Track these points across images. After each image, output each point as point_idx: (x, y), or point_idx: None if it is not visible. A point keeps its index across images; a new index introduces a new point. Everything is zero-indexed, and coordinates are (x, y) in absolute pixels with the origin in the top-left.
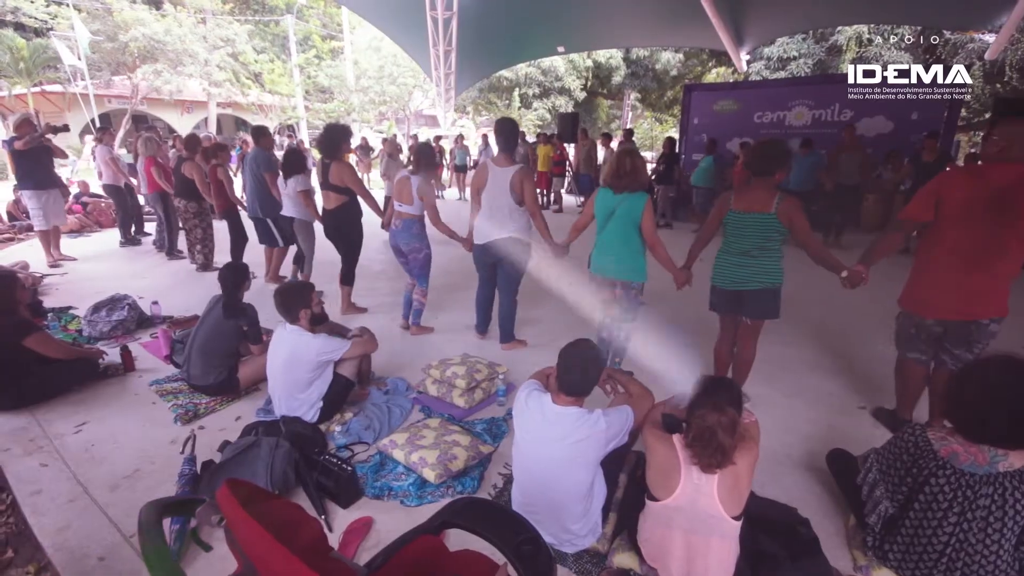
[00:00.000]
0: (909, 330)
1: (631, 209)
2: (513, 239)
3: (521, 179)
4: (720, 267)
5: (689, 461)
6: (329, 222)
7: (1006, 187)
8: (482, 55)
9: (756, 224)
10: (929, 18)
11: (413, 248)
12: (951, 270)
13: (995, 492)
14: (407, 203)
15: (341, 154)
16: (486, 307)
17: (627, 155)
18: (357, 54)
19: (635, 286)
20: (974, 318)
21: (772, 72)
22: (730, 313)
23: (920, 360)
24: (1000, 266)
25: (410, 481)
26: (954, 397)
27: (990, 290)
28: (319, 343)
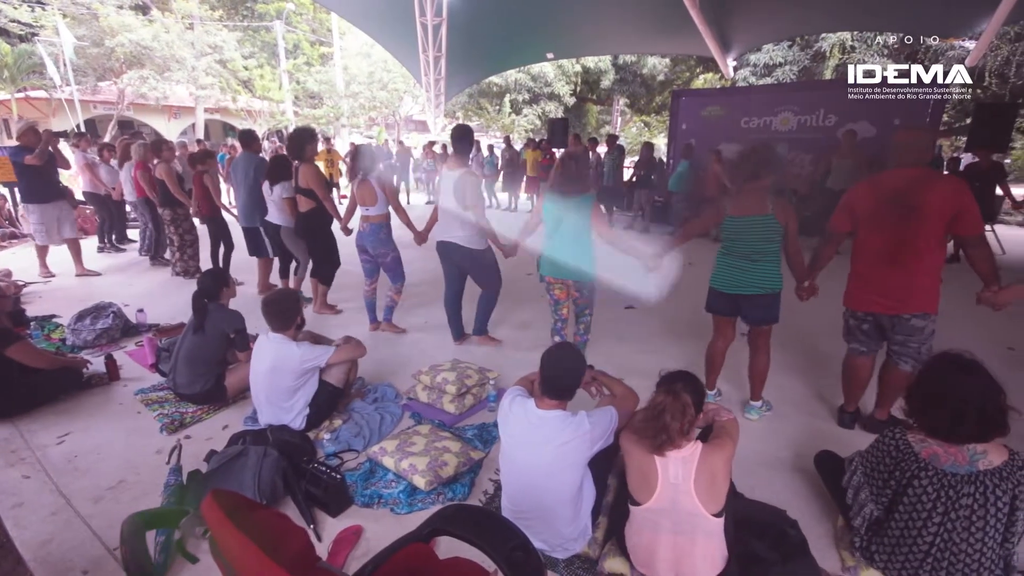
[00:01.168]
0: (850, 323)
1: (579, 212)
2: (462, 248)
3: (463, 183)
4: (721, 271)
5: (672, 464)
6: (299, 225)
7: (900, 190)
8: (472, 61)
9: (756, 226)
10: (910, 25)
11: (380, 252)
12: (871, 269)
13: (976, 491)
14: (371, 205)
15: (308, 156)
16: (454, 309)
17: (573, 160)
18: (347, 60)
19: (587, 284)
20: (896, 312)
21: (759, 78)
22: (726, 315)
23: (859, 351)
24: (915, 264)
25: (400, 488)
26: (909, 400)
27: (908, 287)
28: (302, 351)
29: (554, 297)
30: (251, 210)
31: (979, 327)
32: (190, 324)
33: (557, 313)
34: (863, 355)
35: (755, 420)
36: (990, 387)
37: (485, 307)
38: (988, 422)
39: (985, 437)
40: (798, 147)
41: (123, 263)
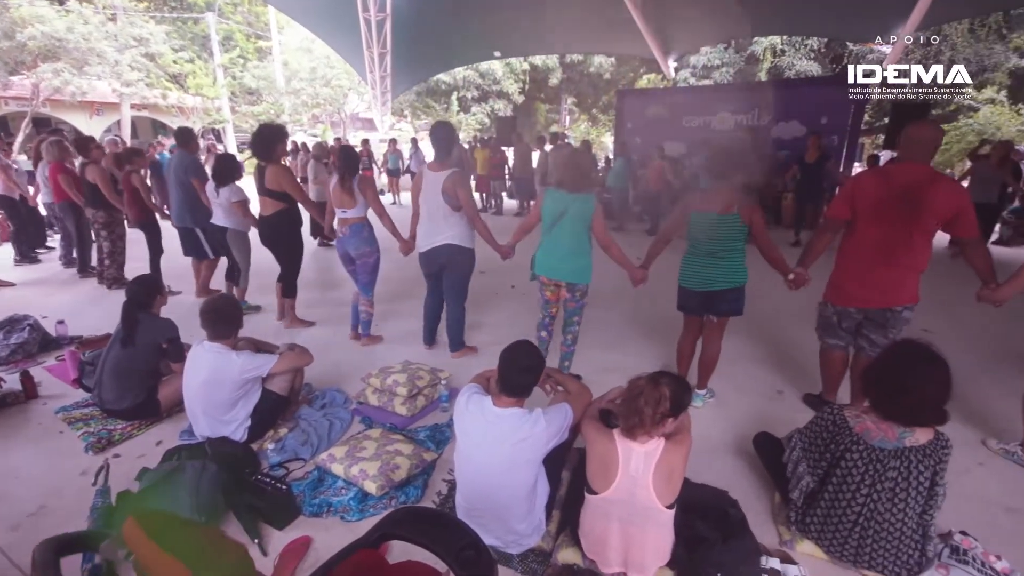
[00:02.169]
0: (830, 319)
1: (582, 210)
2: (452, 246)
3: (455, 183)
4: (688, 268)
5: (633, 455)
6: (266, 230)
7: (910, 186)
8: (418, 58)
9: (721, 225)
10: (833, 30)
11: (363, 252)
12: (867, 262)
13: (901, 465)
14: (350, 207)
15: (277, 156)
16: (433, 316)
17: (580, 156)
18: (287, 55)
19: (580, 288)
20: (888, 306)
21: (698, 79)
22: (698, 313)
23: (839, 346)
24: (908, 258)
25: (351, 495)
26: (870, 379)
27: (901, 280)
28: (243, 360)
29: (545, 297)
30: (184, 211)
31: None
32: (117, 334)
33: (546, 310)
34: (841, 349)
35: (699, 407)
36: (950, 380)
37: (455, 324)
38: (939, 413)
39: (930, 424)
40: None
41: (41, 273)
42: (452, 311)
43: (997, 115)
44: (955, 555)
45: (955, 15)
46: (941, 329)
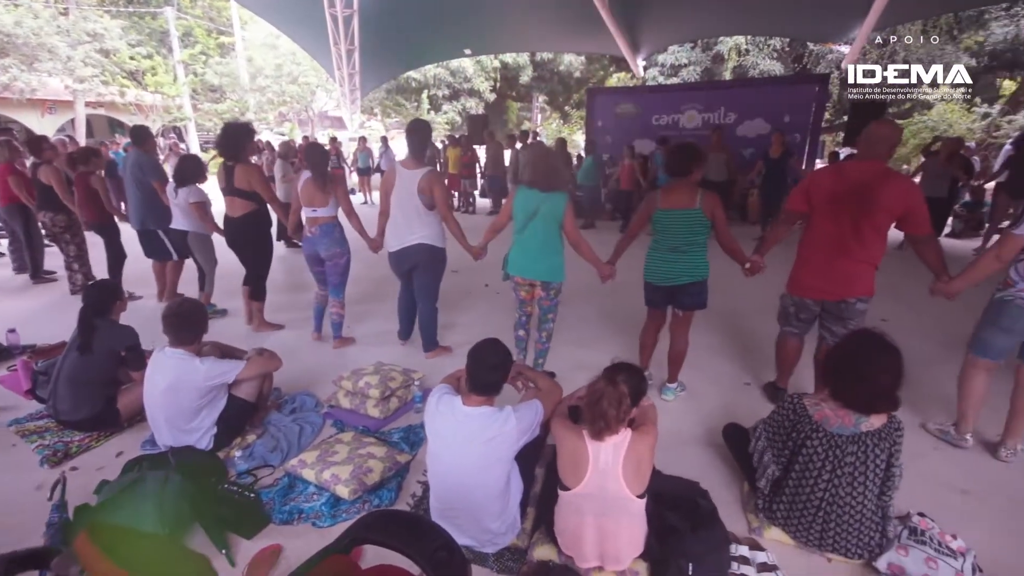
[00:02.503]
0: (789, 309)
1: (554, 209)
2: (424, 246)
3: (430, 182)
4: (652, 263)
5: (602, 450)
6: (234, 232)
7: (862, 182)
8: (387, 55)
9: (684, 220)
10: (794, 31)
11: (334, 253)
12: (822, 255)
13: (858, 450)
14: (321, 206)
15: (245, 155)
16: (408, 312)
17: (552, 155)
18: (251, 51)
19: (555, 286)
20: (843, 297)
21: (666, 78)
22: (663, 307)
23: (793, 334)
24: (861, 252)
25: (323, 501)
26: (829, 368)
27: (855, 272)
28: (207, 367)
29: (519, 297)
30: (144, 213)
31: None
32: (73, 342)
33: (522, 309)
34: (796, 337)
35: (670, 400)
36: (902, 369)
37: (428, 323)
38: (893, 399)
39: (885, 410)
40: (704, 143)
41: None
42: (424, 311)
43: (949, 112)
44: (913, 536)
45: (908, 17)
46: (898, 318)
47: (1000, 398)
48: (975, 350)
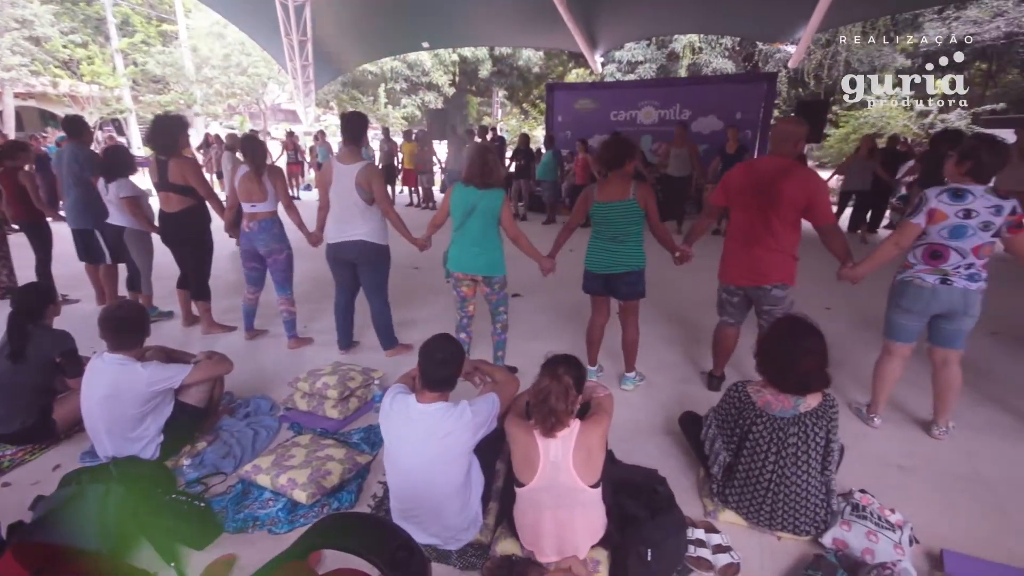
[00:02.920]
0: (722, 297)
1: (491, 205)
2: (365, 243)
3: (368, 176)
4: (592, 253)
5: (552, 443)
6: (170, 228)
7: (767, 176)
8: (342, 47)
9: (620, 211)
10: (744, 30)
11: (273, 250)
12: (739, 244)
13: (799, 430)
14: (259, 200)
15: (179, 148)
16: (346, 316)
17: (489, 152)
18: (196, 40)
19: (498, 280)
20: (759, 284)
21: (624, 74)
22: (601, 294)
23: (729, 323)
24: (772, 241)
25: (279, 506)
26: (760, 357)
27: (768, 260)
28: (150, 372)
29: (461, 294)
30: (82, 209)
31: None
32: (3, 349)
33: (464, 310)
34: (731, 326)
35: (631, 390)
36: (825, 349)
37: (382, 321)
38: (823, 378)
39: (817, 390)
40: (661, 138)
41: None
42: (376, 309)
43: (887, 110)
44: (855, 512)
45: (849, 19)
46: (840, 306)
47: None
48: (887, 334)
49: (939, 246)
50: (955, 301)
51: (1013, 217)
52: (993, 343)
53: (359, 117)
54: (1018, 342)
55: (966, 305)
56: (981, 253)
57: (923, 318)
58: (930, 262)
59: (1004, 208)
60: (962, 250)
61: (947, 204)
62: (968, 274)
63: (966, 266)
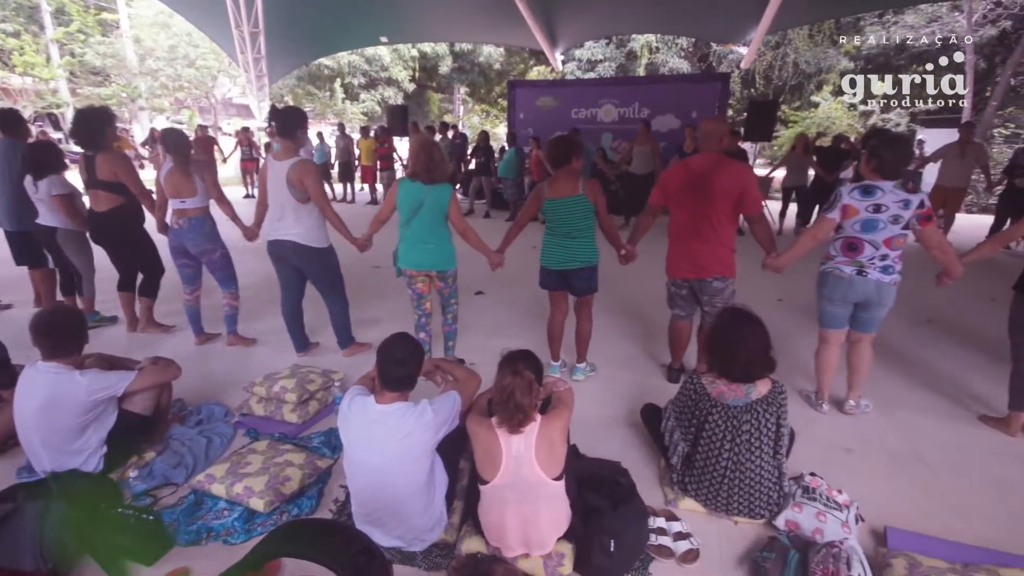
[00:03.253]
0: (671, 290)
1: (439, 200)
2: (299, 246)
3: (300, 173)
4: (547, 249)
5: (514, 439)
6: (100, 228)
7: (701, 173)
8: (297, 40)
9: (571, 207)
10: (699, 31)
11: (204, 250)
12: (681, 239)
13: (752, 417)
14: (188, 196)
15: (107, 142)
16: (294, 318)
17: (434, 147)
18: (139, 30)
19: (450, 273)
20: (701, 276)
21: (584, 72)
22: (558, 289)
23: (680, 316)
24: (711, 234)
25: (235, 516)
26: (706, 349)
27: (708, 253)
28: (89, 380)
29: (416, 291)
30: (18, 209)
31: (757, 286)
32: None
33: (421, 308)
34: (683, 319)
35: (581, 380)
36: (765, 335)
37: (339, 320)
38: (766, 364)
39: (762, 376)
40: (621, 136)
41: None
42: (333, 309)
43: (833, 111)
44: (806, 494)
45: (796, 22)
46: (792, 298)
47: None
48: (820, 323)
49: (854, 239)
50: (870, 292)
51: (922, 210)
52: (929, 330)
53: (292, 111)
54: (953, 328)
55: (880, 296)
56: (893, 245)
57: (846, 306)
58: (847, 254)
59: (912, 202)
60: (875, 242)
61: (858, 200)
62: (882, 266)
63: (880, 257)
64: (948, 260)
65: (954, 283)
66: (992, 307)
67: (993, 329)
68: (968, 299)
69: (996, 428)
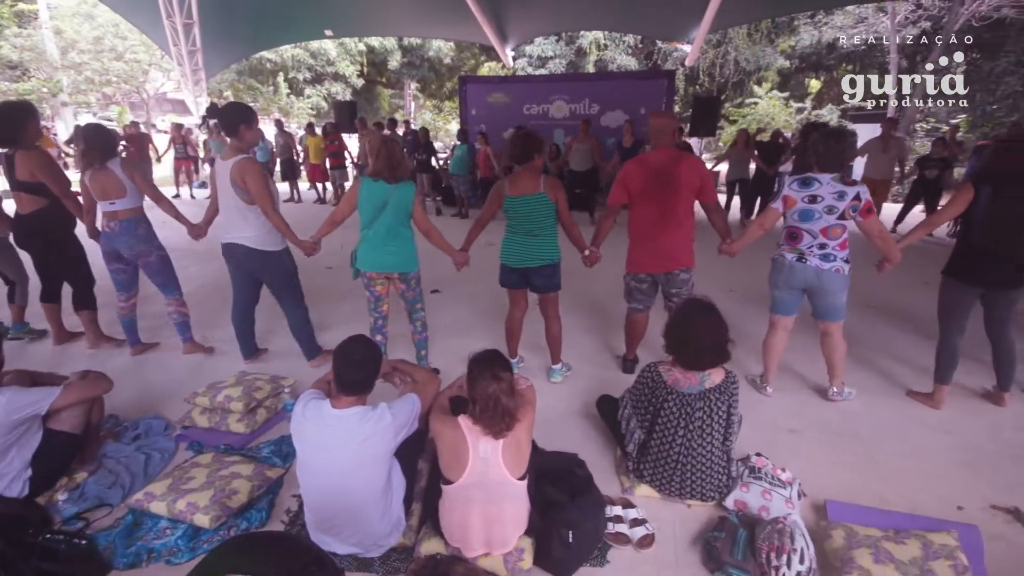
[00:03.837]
0: (631, 286)
1: (403, 199)
2: (250, 250)
3: (242, 172)
4: (508, 247)
5: (479, 435)
6: (23, 232)
7: (663, 167)
8: (235, 32)
9: (532, 205)
10: (644, 29)
11: (139, 252)
12: (647, 235)
13: (705, 405)
14: (118, 197)
15: (28, 140)
16: (244, 322)
17: (396, 144)
18: (60, 21)
19: (413, 275)
20: (669, 270)
21: (535, 68)
22: (519, 287)
23: (638, 310)
24: (676, 228)
25: (178, 534)
26: (666, 337)
27: (675, 247)
28: (7, 399)
29: (375, 293)
30: None
31: (708, 277)
32: None
33: (377, 310)
34: (640, 312)
35: (559, 382)
36: (722, 325)
37: (300, 328)
38: (721, 353)
39: (716, 364)
40: (572, 133)
41: None
42: (291, 317)
43: (772, 107)
44: (752, 474)
45: (736, 21)
46: (743, 287)
47: None
48: (770, 309)
49: (794, 228)
50: (810, 278)
51: (860, 202)
52: (868, 314)
53: (233, 107)
54: (887, 312)
55: (821, 282)
56: (830, 234)
57: (793, 292)
58: (789, 242)
59: (847, 194)
60: (812, 231)
61: (796, 191)
62: (821, 254)
63: (819, 246)
64: (888, 248)
65: (893, 269)
66: (925, 291)
67: (929, 311)
68: (904, 285)
69: (923, 402)
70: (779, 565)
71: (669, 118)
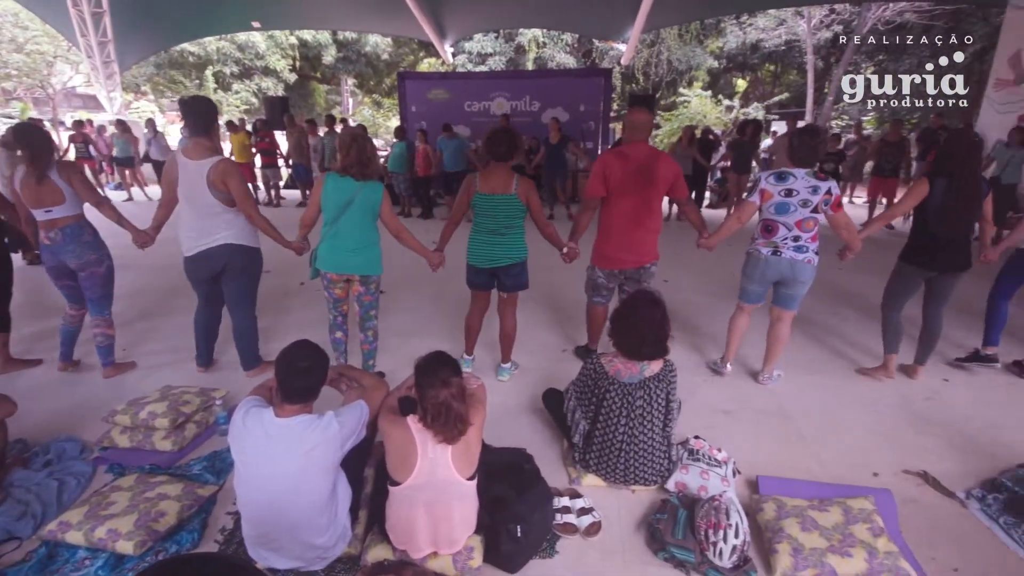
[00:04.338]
0: (597, 280)
1: (369, 198)
2: (233, 246)
3: (222, 174)
4: (474, 246)
5: (431, 440)
6: None
7: (644, 162)
8: (152, 22)
9: (501, 204)
10: (581, 28)
11: (88, 261)
12: (623, 229)
13: (644, 393)
14: (55, 204)
15: None
16: (207, 333)
17: (367, 140)
18: None
19: (374, 279)
20: (641, 264)
21: (475, 65)
22: (486, 289)
23: (601, 303)
24: (651, 222)
25: (99, 564)
26: (611, 327)
27: (648, 241)
28: None
29: (334, 296)
30: None
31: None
32: None
33: (337, 309)
34: (602, 304)
35: (506, 380)
36: (665, 319)
37: (246, 336)
38: (660, 346)
39: (655, 357)
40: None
41: None
42: (241, 323)
43: (703, 105)
44: (691, 456)
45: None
46: (678, 278)
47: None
48: (739, 297)
49: (770, 221)
50: (784, 270)
51: (831, 197)
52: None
53: (202, 102)
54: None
55: (794, 273)
56: (804, 227)
57: (764, 285)
58: (765, 235)
59: (820, 188)
60: (787, 224)
61: (772, 185)
62: (795, 246)
63: (793, 238)
64: (852, 238)
65: (855, 257)
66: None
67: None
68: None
69: (876, 374)
70: (716, 541)
71: (648, 114)
